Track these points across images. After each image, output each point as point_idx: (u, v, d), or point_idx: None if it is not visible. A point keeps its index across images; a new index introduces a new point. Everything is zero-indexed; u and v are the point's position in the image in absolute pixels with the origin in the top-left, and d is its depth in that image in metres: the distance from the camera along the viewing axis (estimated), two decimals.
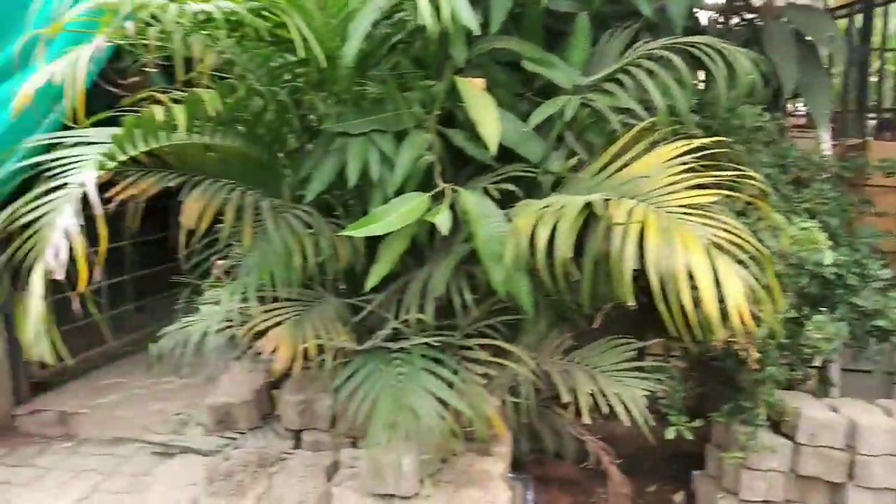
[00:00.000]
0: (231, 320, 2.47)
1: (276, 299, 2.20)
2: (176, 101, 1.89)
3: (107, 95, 1.80)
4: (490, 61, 2.16)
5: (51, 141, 1.77)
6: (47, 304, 1.49)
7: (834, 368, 2.75)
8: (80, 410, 3.70)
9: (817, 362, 2.58)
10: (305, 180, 2.06)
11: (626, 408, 2.21)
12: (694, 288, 1.52)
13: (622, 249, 1.55)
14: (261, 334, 2.20)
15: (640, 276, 1.64)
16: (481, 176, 2.17)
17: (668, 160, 1.78)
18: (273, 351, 2.05)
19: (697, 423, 2.51)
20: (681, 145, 1.80)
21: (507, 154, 2.16)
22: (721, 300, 1.51)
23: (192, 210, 1.89)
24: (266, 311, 2.09)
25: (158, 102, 1.95)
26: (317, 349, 2.11)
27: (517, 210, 1.88)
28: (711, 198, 1.64)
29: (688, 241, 1.53)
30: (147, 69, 1.87)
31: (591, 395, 2.22)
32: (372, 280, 2.02)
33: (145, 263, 4.68)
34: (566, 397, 2.23)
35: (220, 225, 2.10)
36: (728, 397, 2.60)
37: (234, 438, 2.27)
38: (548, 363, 2.34)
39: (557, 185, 2.12)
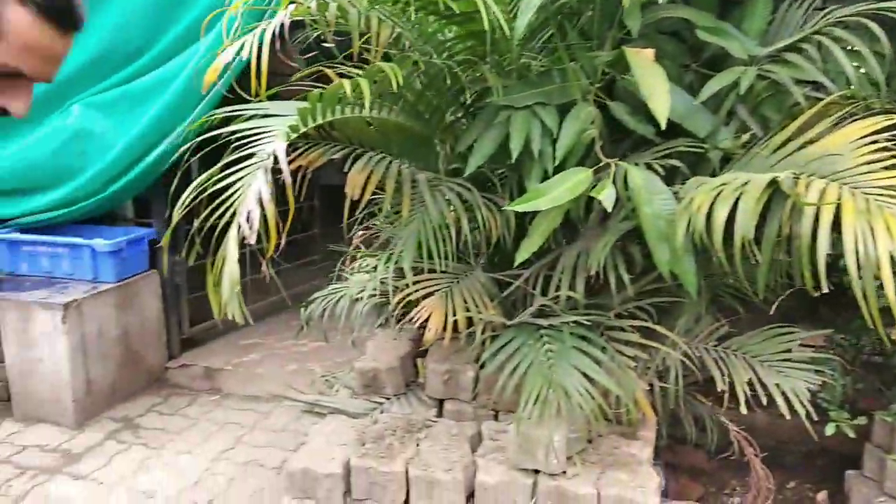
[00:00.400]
0: (376, 289, 2.55)
1: (422, 271, 2.23)
2: (342, 75, 1.93)
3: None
4: (654, 31, 2.07)
5: (229, 114, 1.86)
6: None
7: None
8: (225, 367, 3.94)
9: None
10: (461, 154, 2.06)
11: (786, 400, 2.09)
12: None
13: (814, 232, 1.45)
14: (410, 304, 2.25)
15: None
16: (641, 151, 2.09)
17: (862, 137, 1.64)
18: (425, 320, 2.08)
19: (860, 420, 2.35)
20: (877, 121, 1.65)
21: (669, 128, 2.07)
22: None
23: (356, 181, 1.94)
24: (418, 282, 2.12)
25: (324, 78, 2.01)
26: (465, 321, 2.13)
27: (689, 187, 1.80)
28: None
29: (891, 224, 1.41)
30: (324, 44, 1.91)
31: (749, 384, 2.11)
32: (522, 255, 2.01)
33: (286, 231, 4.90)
34: (721, 385, 2.13)
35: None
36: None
37: (380, 403, 2.34)
38: (700, 349, 2.25)
39: (726, 162, 2.02)
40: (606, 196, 1.73)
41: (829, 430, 2.30)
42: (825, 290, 1.43)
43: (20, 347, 3.38)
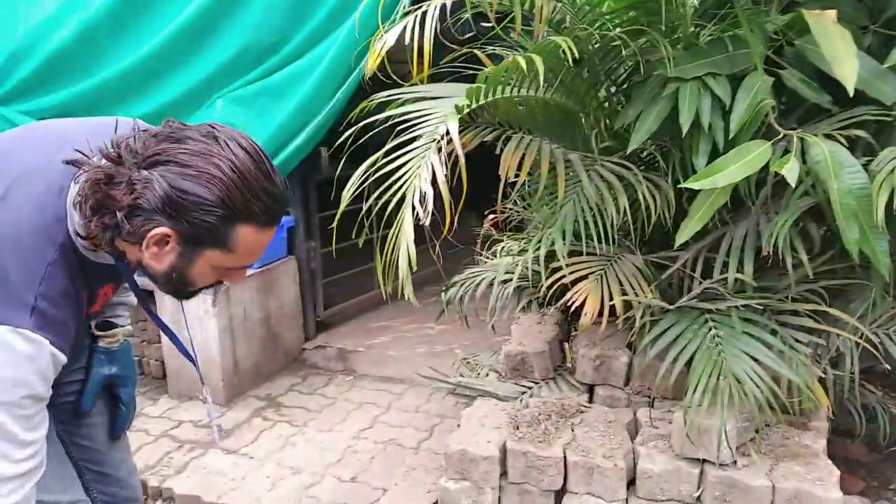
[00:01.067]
0: (524, 272, 2.52)
1: (572, 254, 2.17)
2: (492, 56, 1.89)
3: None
4: None
5: (385, 98, 1.87)
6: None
7: None
8: (357, 349, 4.05)
9: None
10: (616, 132, 1.98)
11: None
12: None
13: None
14: (557, 288, 2.21)
15: None
16: (816, 121, 1.94)
17: None
18: (580, 305, 2.03)
19: None
20: None
21: (846, 96, 1.91)
22: None
23: (509, 163, 1.91)
24: (570, 265, 2.07)
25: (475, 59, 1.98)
26: (622, 306, 2.06)
27: (883, 158, 1.65)
28: None
29: None
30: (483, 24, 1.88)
31: None
32: (684, 235, 1.92)
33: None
34: None
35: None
36: None
37: (528, 387, 2.31)
38: (881, 334, 2.07)
39: None
40: (790, 170, 1.61)
41: None
42: None
43: (175, 329, 3.59)
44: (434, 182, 1.44)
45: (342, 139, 1.80)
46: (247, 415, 3.57)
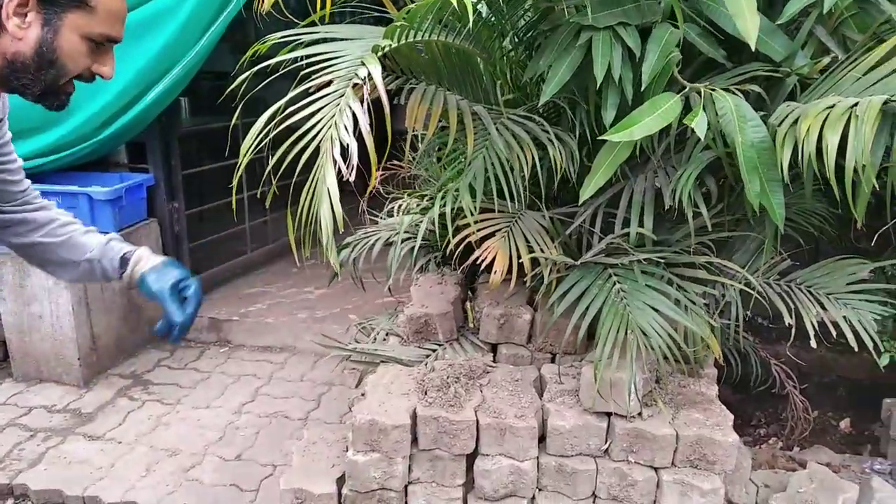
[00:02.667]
0: (414, 232, 2.41)
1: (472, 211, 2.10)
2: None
3: None
4: None
5: (286, 39, 1.66)
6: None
7: None
8: (231, 318, 3.79)
9: None
10: (521, 84, 1.91)
11: (854, 333, 2.06)
12: None
13: None
14: (460, 245, 2.13)
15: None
16: (713, 75, 1.97)
17: None
18: (490, 263, 1.97)
19: None
20: None
21: (737, 51, 1.96)
22: None
23: (416, 114, 1.78)
24: (478, 222, 2.00)
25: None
26: (529, 263, 2.03)
27: (780, 113, 1.70)
28: None
29: None
30: None
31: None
32: (589, 190, 1.89)
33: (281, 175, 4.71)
34: (789, 320, 2.09)
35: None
36: None
37: (433, 350, 2.24)
38: (763, 284, 2.19)
39: (802, 88, 1.91)
40: (699, 123, 1.62)
41: (884, 360, 2.28)
42: None
43: (18, 304, 3.16)
44: (356, 132, 1.29)
45: (232, 86, 1.59)
46: (110, 395, 3.24)
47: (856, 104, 1.53)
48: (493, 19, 1.87)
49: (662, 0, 1.73)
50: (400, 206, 2.46)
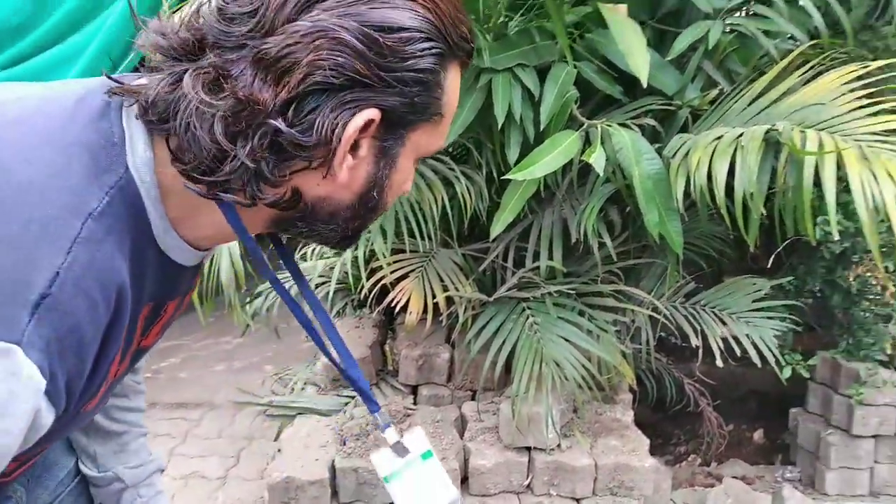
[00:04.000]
0: (329, 276, 2.37)
1: (390, 253, 2.09)
2: None
3: None
4: None
5: None
6: None
7: None
8: (144, 375, 3.59)
9: None
10: None
11: (756, 349, 2.15)
12: None
13: (825, 183, 1.45)
14: (374, 288, 2.11)
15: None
16: (611, 111, 2.05)
17: (841, 86, 1.67)
18: (405, 304, 1.95)
19: (814, 360, 2.48)
20: (851, 69, 1.69)
21: (632, 87, 2.04)
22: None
23: None
24: (391, 264, 1.98)
25: None
26: (444, 302, 2.02)
27: (674, 145, 1.77)
28: None
29: (892, 170, 1.44)
30: None
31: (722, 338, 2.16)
32: (498, 227, 1.91)
33: None
34: (695, 340, 2.16)
35: None
36: (839, 335, 2.56)
37: (351, 397, 2.18)
38: (670, 307, 2.26)
39: (694, 119, 2.01)
40: (597, 159, 1.67)
41: (786, 373, 2.39)
42: (836, 238, 1.44)
43: None
44: None
45: None
46: None
47: (741, 135, 1.62)
48: None
49: (559, 41, 1.79)
50: (313, 249, 2.42)
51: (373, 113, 0.58)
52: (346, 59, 0.55)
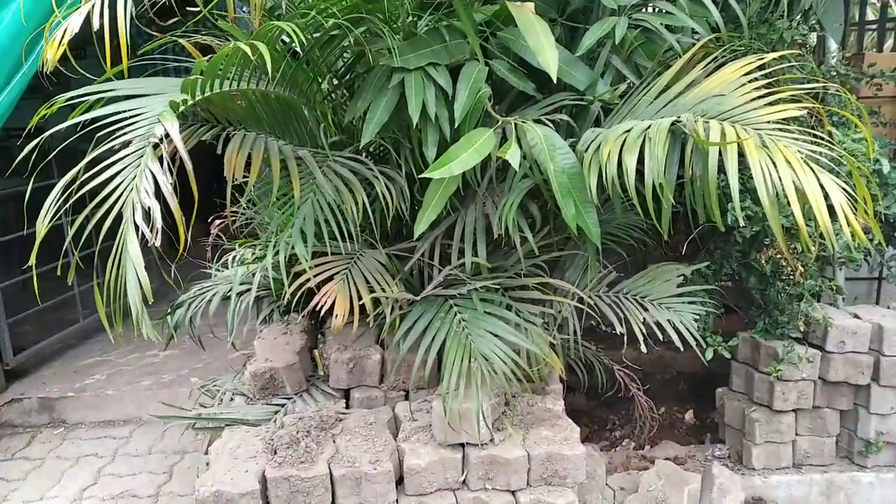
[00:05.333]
0: (250, 283, 2.33)
1: (312, 256, 2.06)
2: (200, 46, 1.68)
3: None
4: None
5: (74, 101, 1.54)
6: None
7: (840, 277, 2.83)
8: (66, 394, 3.46)
9: (841, 272, 2.67)
10: (345, 126, 1.90)
11: (679, 334, 2.22)
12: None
13: (728, 171, 1.50)
14: (298, 293, 2.08)
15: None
16: (524, 108, 2.08)
17: (739, 78, 1.73)
18: (330, 308, 1.94)
19: (734, 341, 2.57)
20: (749, 61, 1.76)
21: (546, 84, 2.07)
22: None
23: (235, 162, 1.72)
24: (314, 267, 1.96)
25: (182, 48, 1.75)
26: (371, 303, 2.01)
27: (586, 139, 1.81)
28: (799, 112, 1.61)
29: (790, 157, 1.50)
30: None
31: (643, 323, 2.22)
32: (422, 226, 1.91)
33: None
34: (619, 328, 2.22)
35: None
36: (756, 315, 2.66)
37: (281, 405, 2.15)
38: (594, 297, 2.31)
39: (605, 113, 2.06)
40: (513, 155, 1.69)
41: (709, 354, 2.48)
42: (742, 225, 1.50)
43: None
44: (158, 194, 1.21)
45: (24, 152, 1.45)
46: None
47: (648, 127, 1.66)
48: (307, 63, 1.85)
49: (469, 39, 1.80)
50: (233, 257, 2.36)
51: None
52: None
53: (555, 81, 1.79)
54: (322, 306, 1.92)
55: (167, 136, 1.27)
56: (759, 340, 2.59)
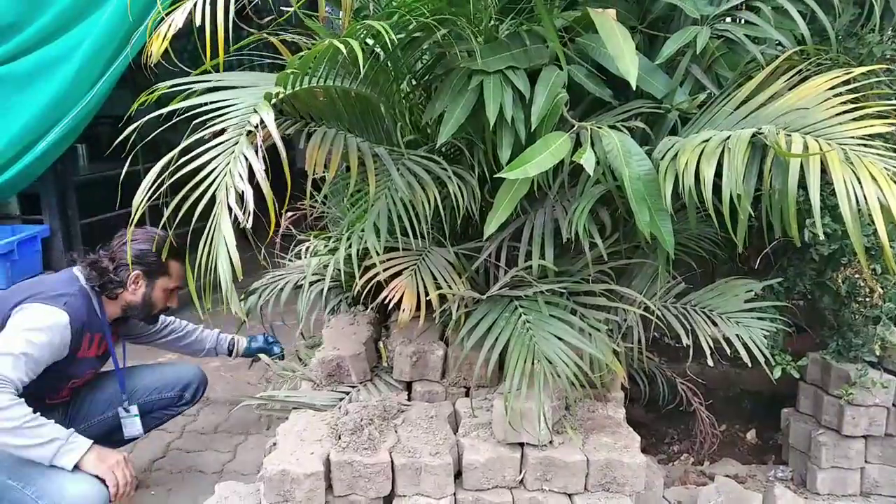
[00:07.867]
0: (322, 274, 2.40)
1: (383, 251, 2.12)
2: (287, 43, 1.75)
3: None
4: None
5: (177, 88, 1.64)
6: None
7: None
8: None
9: None
10: (420, 126, 1.95)
11: (746, 349, 2.18)
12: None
13: (810, 185, 1.48)
14: (367, 286, 2.14)
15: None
16: (599, 114, 2.08)
17: (826, 91, 1.70)
18: (398, 302, 1.99)
19: (804, 361, 2.50)
20: (836, 75, 1.72)
21: (623, 90, 2.07)
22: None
23: (315, 157, 1.79)
24: (383, 262, 2.02)
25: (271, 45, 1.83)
26: (437, 299, 2.05)
27: (662, 147, 1.80)
28: (886, 128, 1.57)
29: (875, 173, 1.47)
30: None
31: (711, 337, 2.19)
32: (492, 226, 1.94)
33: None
34: (686, 340, 2.19)
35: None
36: (829, 336, 2.59)
37: (346, 392, 2.21)
38: (660, 307, 2.29)
39: (683, 123, 2.05)
40: (588, 160, 1.70)
41: (777, 373, 2.42)
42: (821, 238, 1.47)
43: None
44: (252, 179, 1.29)
45: (122, 136, 1.55)
46: None
47: (728, 137, 1.65)
48: (389, 64, 1.91)
49: (549, 44, 1.82)
50: (307, 247, 2.44)
51: (138, 270, 2.27)
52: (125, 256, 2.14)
53: (633, 89, 1.79)
54: (390, 300, 1.97)
55: (261, 124, 1.34)
56: (830, 362, 2.51)
